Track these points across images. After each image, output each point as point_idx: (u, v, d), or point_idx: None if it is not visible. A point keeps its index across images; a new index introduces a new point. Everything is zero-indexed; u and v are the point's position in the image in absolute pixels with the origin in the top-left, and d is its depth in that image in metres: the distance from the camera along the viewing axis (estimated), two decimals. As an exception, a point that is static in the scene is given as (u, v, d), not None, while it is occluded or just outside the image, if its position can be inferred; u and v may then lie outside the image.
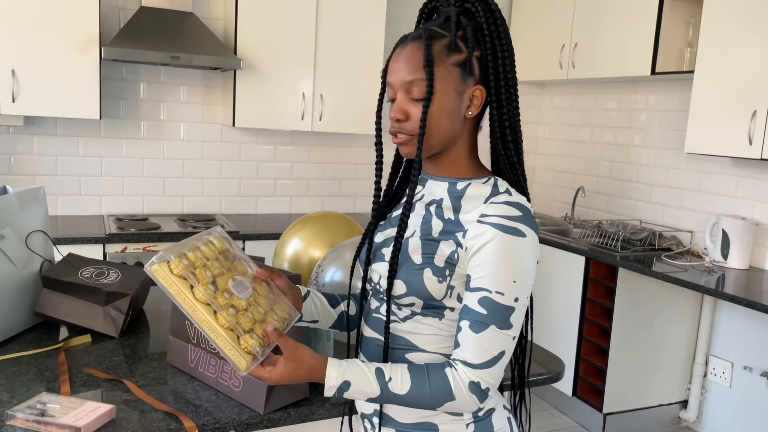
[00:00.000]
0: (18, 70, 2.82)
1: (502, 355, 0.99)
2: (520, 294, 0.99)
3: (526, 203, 1.03)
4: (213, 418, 1.21)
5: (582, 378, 3.23)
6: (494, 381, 1.00)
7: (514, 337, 1.00)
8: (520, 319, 1.01)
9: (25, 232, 1.61)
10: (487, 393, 1.00)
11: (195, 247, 1.07)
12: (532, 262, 1.00)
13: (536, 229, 1.03)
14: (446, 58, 1.02)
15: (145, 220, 3.21)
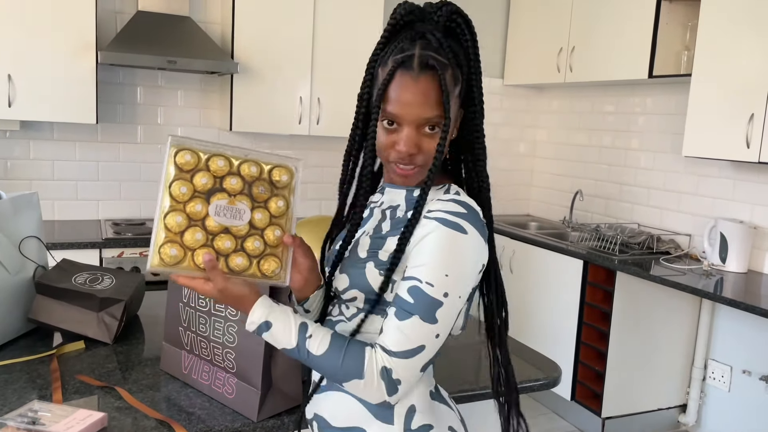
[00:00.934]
0: (14, 74, 2.81)
1: (422, 350, 0.96)
2: (450, 290, 0.97)
3: (476, 206, 1.03)
4: (206, 426, 1.20)
5: (580, 382, 3.22)
6: (408, 374, 0.97)
7: (438, 335, 0.97)
8: (449, 317, 0.98)
9: (19, 237, 1.61)
10: (397, 385, 0.97)
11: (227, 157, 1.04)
12: (470, 260, 0.99)
13: (482, 230, 1.01)
14: (453, 89, 1.02)
15: (142, 225, 3.20)
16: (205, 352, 1.33)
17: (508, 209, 4.44)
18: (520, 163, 4.41)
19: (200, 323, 1.34)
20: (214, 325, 1.31)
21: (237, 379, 1.26)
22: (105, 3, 3.20)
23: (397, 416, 1.03)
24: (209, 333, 1.32)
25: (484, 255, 1.03)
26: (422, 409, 1.05)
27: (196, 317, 1.35)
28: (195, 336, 1.35)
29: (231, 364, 1.27)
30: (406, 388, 0.99)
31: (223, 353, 1.28)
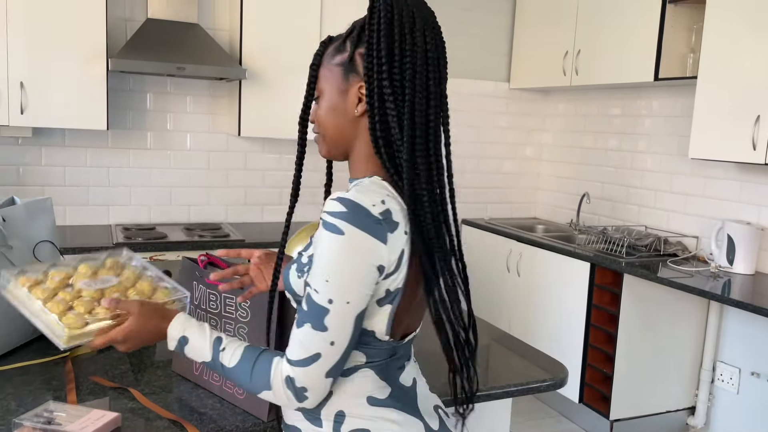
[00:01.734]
0: (26, 82, 2.86)
1: (318, 357, 0.95)
2: (334, 296, 0.93)
3: (362, 201, 0.94)
4: (217, 426, 1.23)
5: (588, 384, 3.22)
6: (311, 382, 0.96)
7: (332, 342, 0.94)
8: (339, 324, 0.94)
9: (33, 242, 1.64)
10: (304, 393, 0.96)
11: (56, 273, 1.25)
12: (349, 263, 0.93)
13: (367, 228, 0.93)
14: (331, 59, 1.06)
15: (152, 230, 3.24)
16: None
17: (515, 212, 4.45)
18: (526, 167, 4.43)
19: (212, 326, 1.36)
20: (224, 327, 1.34)
21: None
22: (115, 11, 3.25)
23: (325, 419, 1.03)
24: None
25: (376, 255, 0.94)
26: (355, 415, 1.02)
27: (206, 320, 1.38)
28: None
29: None
30: (316, 395, 0.98)
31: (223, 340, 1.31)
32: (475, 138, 4.24)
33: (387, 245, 0.95)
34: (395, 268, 0.97)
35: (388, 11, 0.99)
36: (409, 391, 1.09)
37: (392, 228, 0.96)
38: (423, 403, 1.11)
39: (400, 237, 0.97)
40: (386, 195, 0.98)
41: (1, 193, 3.18)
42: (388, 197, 0.98)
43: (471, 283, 1.12)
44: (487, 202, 4.34)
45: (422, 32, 1.01)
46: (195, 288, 1.42)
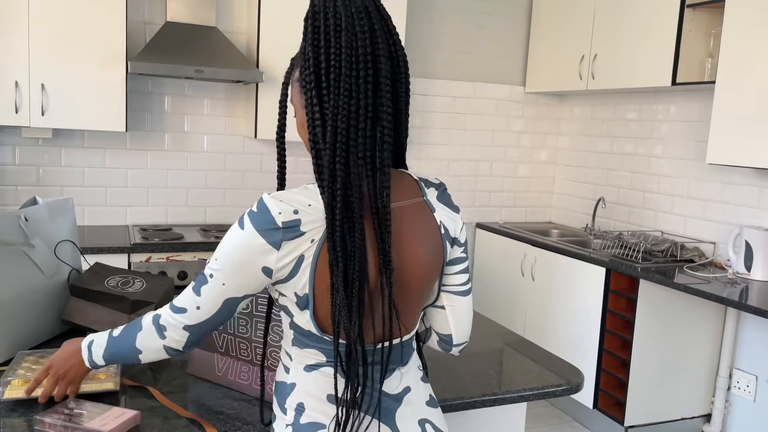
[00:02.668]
0: (47, 84, 2.90)
1: (184, 311, 1.07)
2: (215, 273, 1.04)
3: (271, 207, 0.99)
4: (234, 425, 1.24)
5: (603, 390, 3.20)
6: (171, 324, 1.08)
7: (198, 307, 1.06)
8: (211, 296, 1.04)
9: (54, 241, 1.66)
10: (163, 331, 1.09)
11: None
12: (237, 253, 1.01)
13: (262, 230, 0.99)
14: (294, 74, 1.08)
15: (169, 231, 3.27)
16: (245, 353, 1.38)
17: (530, 216, 4.43)
18: (541, 171, 4.41)
19: (239, 325, 1.39)
20: (255, 326, 1.36)
21: None
22: (135, 14, 3.29)
23: (289, 408, 1.08)
24: (250, 334, 1.37)
25: (263, 257, 0.99)
26: (313, 408, 1.06)
27: (235, 320, 1.39)
28: (233, 338, 1.40)
29: (274, 361, 1.32)
30: (174, 339, 1.08)
31: (269, 352, 1.33)
32: (489, 141, 4.23)
33: (279, 251, 1.00)
34: (291, 273, 1.01)
35: (313, 18, 1.01)
36: (389, 398, 1.10)
37: (293, 236, 1.00)
38: (404, 414, 1.11)
39: (302, 245, 1.00)
40: (307, 204, 1.00)
41: (22, 193, 3.23)
42: (309, 207, 1.00)
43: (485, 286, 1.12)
44: (501, 206, 4.33)
45: (348, 32, 0.98)
46: None
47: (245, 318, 1.38)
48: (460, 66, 4.09)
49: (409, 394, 1.13)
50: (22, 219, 1.57)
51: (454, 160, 4.14)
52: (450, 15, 4.02)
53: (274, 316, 1.32)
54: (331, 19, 0.99)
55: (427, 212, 1.11)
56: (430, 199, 1.13)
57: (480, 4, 4.08)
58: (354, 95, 0.99)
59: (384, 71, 1.01)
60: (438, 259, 1.12)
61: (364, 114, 0.99)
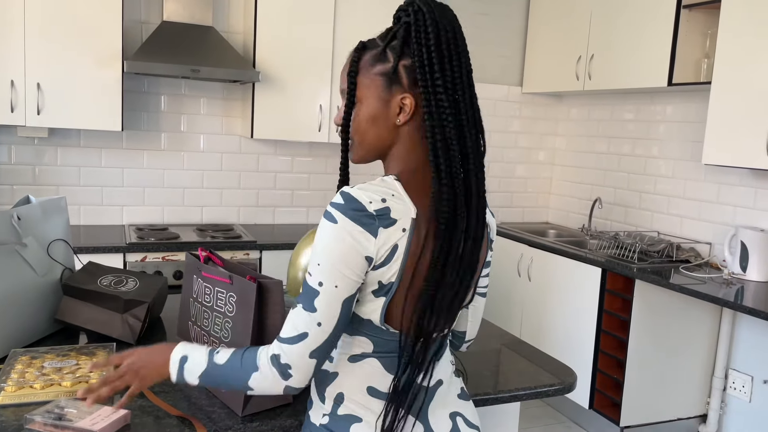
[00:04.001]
0: (43, 83, 2.90)
1: (305, 337, 1.00)
2: (324, 279, 0.99)
3: (359, 196, 0.99)
4: (225, 425, 1.24)
5: (599, 390, 3.20)
6: (296, 360, 1.00)
7: (319, 323, 0.99)
8: (328, 306, 0.99)
9: (47, 240, 1.66)
10: (288, 370, 1.01)
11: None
12: (339, 249, 0.98)
13: (358, 220, 0.99)
14: (371, 68, 1.07)
15: (165, 230, 3.26)
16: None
17: (527, 217, 4.44)
18: (539, 171, 4.41)
19: (204, 318, 1.40)
20: (214, 320, 1.36)
21: None
22: (131, 13, 3.29)
23: (328, 397, 1.08)
24: (210, 327, 1.38)
25: (364, 245, 0.99)
26: (352, 400, 1.07)
27: (201, 312, 1.40)
28: (200, 330, 1.41)
29: None
30: (300, 374, 1.01)
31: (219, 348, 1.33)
32: (487, 142, 4.22)
33: (376, 238, 1.00)
34: (385, 261, 1.01)
35: (434, 23, 1.03)
36: (422, 391, 1.10)
37: (386, 223, 1.00)
38: (435, 409, 1.12)
39: (395, 233, 1.01)
40: (390, 194, 1.03)
41: (18, 192, 3.22)
42: (392, 197, 1.02)
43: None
44: (499, 207, 4.33)
45: (462, 40, 1.06)
46: (194, 281, 1.44)
47: (207, 311, 1.38)
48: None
49: (440, 387, 1.14)
50: (15, 218, 1.57)
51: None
52: (447, 15, 4.01)
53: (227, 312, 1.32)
54: (449, 27, 1.04)
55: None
56: None
57: (477, 4, 4.08)
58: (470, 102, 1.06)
59: (473, 83, 1.08)
60: (482, 259, 1.16)
61: (464, 110, 1.05)
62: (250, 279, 1.28)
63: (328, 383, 1.09)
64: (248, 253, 3.14)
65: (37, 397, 1.28)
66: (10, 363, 1.38)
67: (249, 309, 1.27)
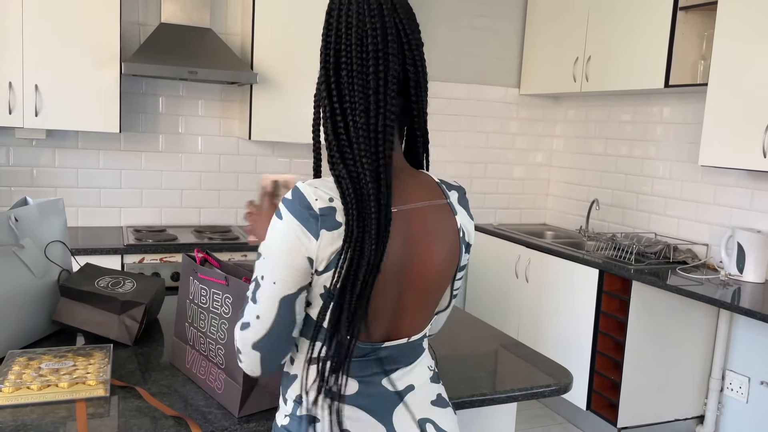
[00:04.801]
0: (41, 84, 2.90)
1: (248, 327, 1.01)
2: (265, 273, 0.99)
3: (307, 192, 0.98)
4: (222, 425, 1.24)
5: (596, 392, 3.21)
6: (242, 347, 1.02)
7: (258, 316, 1.00)
8: (267, 299, 0.98)
9: (45, 242, 1.66)
10: (239, 355, 1.03)
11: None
12: (281, 245, 0.97)
13: (301, 218, 0.97)
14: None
15: (163, 232, 3.27)
16: (203, 347, 1.40)
17: (524, 218, 4.44)
18: (536, 173, 4.42)
19: (200, 319, 1.40)
20: (210, 321, 1.37)
21: (225, 375, 1.32)
22: (129, 15, 3.29)
23: (289, 399, 1.09)
24: (207, 329, 1.38)
25: (304, 246, 0.96)
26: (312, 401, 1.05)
27: (198, 313, 1.41)
28: (196, 332, 1.42)
29: (221, 360, 1.33)
30: (247, 362, 1.02)
31: (215, 349, 1.35)
32: (484, 143, 4.24)
33: (318, 240, 0.97)
34: (329, 266, 0.98)
35: (327, 14, 1.03)
36: (386, 396, 1.07)
37: (329, 226, 0.97)
38: (403, 412, 1.08)
39: (339, 240, 0.97)
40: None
41: (16, 194, 3.23)
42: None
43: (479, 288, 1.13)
44: (496, 208, 4.34)
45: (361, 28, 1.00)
46: (191, 283, 1.44)
47: (204, 312, 1.39)
48: (455, 68, 4.09)
49: (410, 393, 1.10)
50: (12, 219, 1.57)
51: (449, 161, 4.14)
52: (445, 16, 4.03)
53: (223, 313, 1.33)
54: (344, 16, 1.01)
55: (449, 215, 1.10)
56: (453, 202, 1.12)
57: (475, 5, 4.09)
58: (365, 92, 0.99)
59: (393, 70, 1.00)
60: (454, 262, 1.11)
61: (374, 110, 0.99)
62: (246, 280, 1.28)
63: (289, 385, 1.09)
64: (246, 254, 3.14)
65: (34, 398, 1.28)
66: (8, 364, 1.38)
67: None
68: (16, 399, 1.27)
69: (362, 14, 1.00)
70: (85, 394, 1.31)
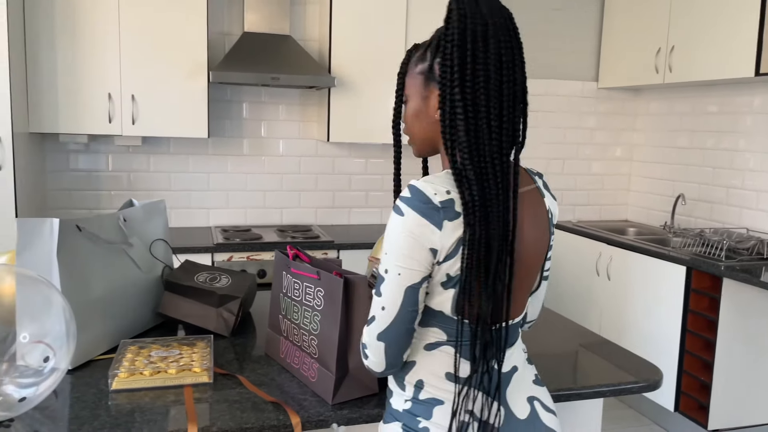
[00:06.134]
0: (137, 95, 3.10)
1: (373, 320, 1.10)
2: (389, 266, 1.07)
3: (425, 189, 1.04)
4: (317, 411, 1.31)
5: (685, 393, 3.10)
6: (367, 340, 1.11)
7: (383, 307, 1.08)
8: (392, 291, 1.06)
9: (149, 240, 1.80)
10: (365, 350, 1.11)
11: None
12: (405, 239, 1.04)
13: (423, 212, 1.03)
14: (414, 68, 1.16)
15: (248, 231, 3.42)
16: (296, 338, 1.47)
17: (605, 214, 4.34)
18: (616, 168, 4.31)
19: (294, 311, 1.48)
20: (303, 313, 1.44)
21: (318, 365, 1.38)
22: (215, 26, 3.46)
23: (408, 384, 1.14)
24: (300, 320, 1.45)
25: (428, 238, 1.03)
26: (432, 385, 1.11)
27: (291, 306, 1.48)
28: (290, 323, 1.49)
29: (315, 350, 1.40)
30: (373, 355, 1.10)
31: (309, 340, 1.42)
32: (561, 139, 4.17)
33: (441, 231, 1.04)
34: (451, 254, 1.05)
35: (461, 21, 1.05)
36: (501, 376, 1.14)
37: (450, 216, 1.04)
38: (513, 392, 1.16)
39: (460, 226, 1.04)
40: (454, 186, 1.07)
41: (115, 197, 3.46)
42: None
43: (558, 286, 1.19)
44: (575, 205, 4.26)
45: (496, 38, 1.05)
46: (284, 277, 1.52)
47: (297, 305, 1.46)
48: (531, 63, 4.05)
49: (516, 373, 1.18)
50: (122, 220, 1.71)
51: (525, 158, 4.11)
52: (518, 12, 3.99)
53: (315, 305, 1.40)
54: (480, 25, 1.05)
55: (539, 198, 1.19)
56: (540, 186, 1.21)
57: (549, 0, 4.03)
58: (498, 100, 1.06)
59: (519, 78, 1.09)
60: (546, 243, 1.19)
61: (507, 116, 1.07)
62: (336, 275, 1.35)
63: (407, 371, 1.14)
64: (326, 252, 3.24)
65: (147, 383, 1.39)
66: (122, 352, 1.51)
67: (337, 302, 1.33)
68: (131, 384, 1.39)
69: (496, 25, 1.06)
70: (191, 380, 1.42)
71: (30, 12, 2.94)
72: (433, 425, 1.10)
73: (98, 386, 1.40)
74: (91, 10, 3.00)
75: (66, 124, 3.05)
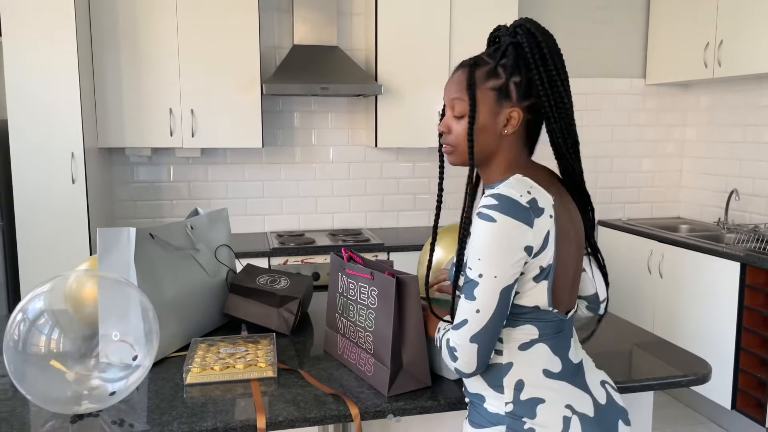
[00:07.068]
0: (196, 109, 3.28)
1: (465, 323, 1.15)
2: (484, 271, 1.12)
3: (511, 194, 1.13)
4: (373, 403, 1.40)
5: (741, 390, 3.05)
6: (459, 343, 1.16)
7: (477, 310, 1.13)
8: (486, 294, 1.12)
9: (214, 246, 1.93)
10: (454, 353, 1.17)
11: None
12: (499, 244, 1.11)
13: (515, 215, 1.12)
14: (485, 83, 1.20)
15: (302, 236, 3.55)
16: (353, 335, 1.56)
17: (656, 212, 4.29)
18: (667, 164, 4.26)
19: (350, 310, 1.57)
20: (359, 311, 1.53)
21: (374, 359, 1.47)
22: (266, 40, 3.62)
23: (507, 387, 1.19)
24: (356, 318, 1.55)
25: (523, 237, 1.12)
26: (533, 384, 1.18)
27: (347, 305, 1.58)
28: (346, 321, 1.59)
29: (370, 346, 1.49)
30: (464, 357, 1.16)
31: (365, 336, 1.51)
32: (609, 137, 4.16)
33: (533, 228, 1.13)
34: (542, 247, 1.14)
35: (541, 47, 1.17)
36: (578, 367, 1.23)
37: (538, 213, 1.14)
38: (591, 379, 1.25)
39: (545, 220, 1.14)
40: (531, 187, 1.16)
41: (177, 206, 3.65)
42: (533, 188, 1.16)
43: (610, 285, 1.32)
44: (624, 202, 4.23)
45: (560, 56, 1.19)
46: (339, 278, 1.62)
47: (353, 304, 1.55)
48: (577, 63, 4.06)
49: (583, 359, 1.27)
50: (189, 227, 1.84)
51: (573, 157, 4.10)
52: (562, 12, 4.01)
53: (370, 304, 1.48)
54: (553, 47, 1.18)
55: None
56: None
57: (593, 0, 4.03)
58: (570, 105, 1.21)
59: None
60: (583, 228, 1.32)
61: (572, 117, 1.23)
62: (389, 275, 1.44)
63: (504, 374, 1.19)
64: (377, 255, 3.34)
65: (217, 377, 1.51)
66: (193, 349, 1.63)
67: (390, 301, 1.42)
68: (203, 378, 1.51)
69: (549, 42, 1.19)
70: (258, 374, 1.53)
71: (96, 38, 3.15)
72: (538, 425, 1.16)
73: (174, 380, 1.53)
74: (153, 34, 3.19)
75: (131, 138, 3.25)
